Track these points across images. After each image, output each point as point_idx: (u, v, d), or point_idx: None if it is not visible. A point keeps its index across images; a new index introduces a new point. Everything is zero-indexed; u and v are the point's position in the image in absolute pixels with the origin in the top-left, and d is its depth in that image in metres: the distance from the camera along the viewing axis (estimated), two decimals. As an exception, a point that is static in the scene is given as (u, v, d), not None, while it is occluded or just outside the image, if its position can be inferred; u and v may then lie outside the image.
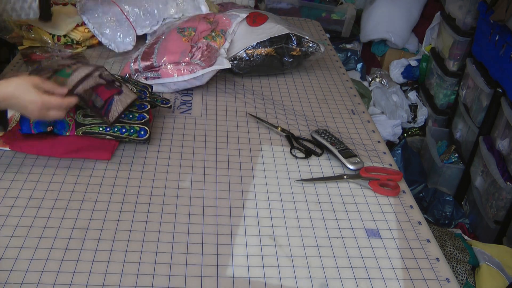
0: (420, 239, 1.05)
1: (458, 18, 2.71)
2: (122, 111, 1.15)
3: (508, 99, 2.12)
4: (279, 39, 1.59)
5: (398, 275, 0.95)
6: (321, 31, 2.15)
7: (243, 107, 1.45)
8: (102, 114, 1.11)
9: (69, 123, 1.13)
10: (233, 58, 1.56)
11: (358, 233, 1.04)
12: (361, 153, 1.31)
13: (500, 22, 2.13)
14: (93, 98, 1.11)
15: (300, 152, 1.28)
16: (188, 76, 1.43)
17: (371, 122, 1.46)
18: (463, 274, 1.56)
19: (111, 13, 1.67)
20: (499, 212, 2.10)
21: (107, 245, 0.94)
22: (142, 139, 1.18)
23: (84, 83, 1.10)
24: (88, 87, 1.11)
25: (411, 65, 3.28)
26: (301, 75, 1.69)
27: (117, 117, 1.13)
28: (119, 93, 1.16)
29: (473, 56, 2.55)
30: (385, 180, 1.18)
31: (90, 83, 1.12)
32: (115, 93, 1.16)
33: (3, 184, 1.05)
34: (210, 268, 0.91)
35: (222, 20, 1.59)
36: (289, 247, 0.98)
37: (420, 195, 2.52)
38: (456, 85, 2.82)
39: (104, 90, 1.14)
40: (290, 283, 0.91)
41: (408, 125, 3.07)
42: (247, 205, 1.08)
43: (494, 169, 2.09)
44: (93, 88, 1.12)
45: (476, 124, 2.42)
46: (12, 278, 0.85)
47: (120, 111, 1.14)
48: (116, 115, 1.12)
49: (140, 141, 1.18)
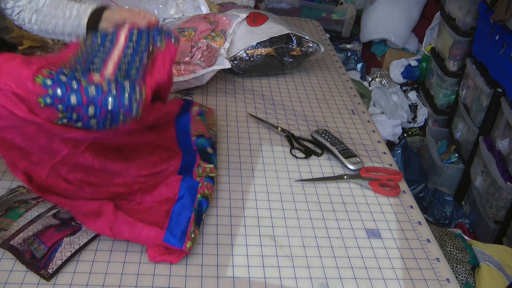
0: (420, 239, 1.05)
1: (458, 18, 2.71)
2: (71, 253, 0.93)
3: (508, 99, 2.12)
4: (279, 39, 1.59)
5: (398, 275, 0.95)
6: (321, 31, 2.15)
7: (243, 107, 1.45)
8: (40, 267, 0.89)
9: None
10: (233, 58, 1.56)
11: (358, 233, 1.04)
12: (361, 153, 1.31)
13: (500, 22, 2.13)
14: (34, 248, 0.93)
15: (300, 152, 1.28)
16: (188, 76, 1.43)
17: (371, 122, 1.46)
18: (463, 274, 1.56)
19: (111, 13, 1.66)
20: (499, 212, 2.10)
21: (107, 245, 0.94)
22: None
23: (29, 229, 0.95)
24: (32, 233, 0.95)
25: (411, 65, 3.28)
26: (301, 75, 1.69)
27: (59, 267, 0.90)
28: (73, 233, 0.97)
29: (473, 56, 2.55)
30: (385, 180, 1.18)
31: (37, 227, 0.96)
32: (67, 235, 0.96)
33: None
34: (210, 268, 0.91)
35: (222, 20, 1.59)
36: (289, 247, 0.98)
37: (420, 195, 2.52)
38: (456, 85, 2.82)
39: (52, 233, 0.96)
40: (290, 283, 0.91)
41: (408, 125, 3.07)
42: (247, 205, 1.08)
43: (494, 169, 2.09)
44: (38, 233, 0.95)
45: (476, 124, 2.42)
46: None
47: (66, 257, 0.93)
48: (58, 265, 0.90)
49: None
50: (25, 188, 1.04)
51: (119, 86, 0.88)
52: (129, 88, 0.89)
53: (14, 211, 0.97)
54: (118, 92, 0.87)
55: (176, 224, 0.93)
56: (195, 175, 1.04)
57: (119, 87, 0.88)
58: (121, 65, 0.95)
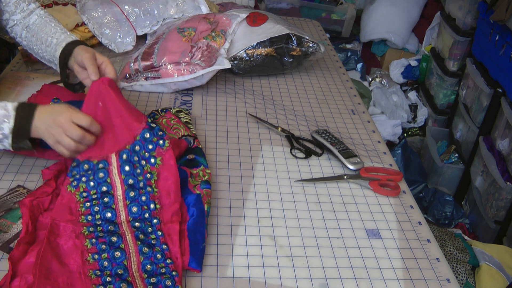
0: (420, 239, 1.05)
1: (458, 18, 2.71)
2: None
3: (508, 99, 2.12)
4: (279, 39, 1.59)
5: (398, 275, 0.95)
6: (321, 31, 2.15)
7: (243, 107, 1.45)
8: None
9: None
10: (233, 58, 1.56)
11: (359, 233, 1.04)
12: (361, 153, 1.31)
13: (500, 22, 2.13)
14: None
15: (300, 152, 1.28)
16: (188, 76, 1.43)
17: (371, 122, 1.46)
18: (463, 274, 1.56)
19: (111, 13, 1.67)
20: (499, 212, 2.10)
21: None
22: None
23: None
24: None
25: (411, 65, 3.28)
26: (301, 75, 1.69)
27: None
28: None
29: (473, 56, 2.55)
30: (385, 180, 1.18)
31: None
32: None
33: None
34: (210, 268, 0.91)
35: (222, 20, 1.59)
36: (289, 247, 0.98)
37: (420, 195, 2.52)
38: (456, 85, 2.82)
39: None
40: (291, 283, 0.91)
41: (408, 125, 3.07)
42: (247, 205, 1.08)
43: (494, 169, 2.09)
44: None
45: (476, 124, 2.42)
46: None
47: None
48: None
49: None
50: (25, 188, 1.04)
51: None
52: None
53: (13, 212, 0.97)
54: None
55: (195, 245, 0.93)
56: (191, 186, 1.04)
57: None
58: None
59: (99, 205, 0.97)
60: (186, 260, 0.90)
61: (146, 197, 0.98)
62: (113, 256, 0.88)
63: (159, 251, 0.90)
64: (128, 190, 0.98)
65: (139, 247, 0.90)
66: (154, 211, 0.97)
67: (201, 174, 1.07)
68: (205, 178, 1.06)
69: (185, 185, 1.03)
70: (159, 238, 0.93)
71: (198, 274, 0.90)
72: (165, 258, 0.89)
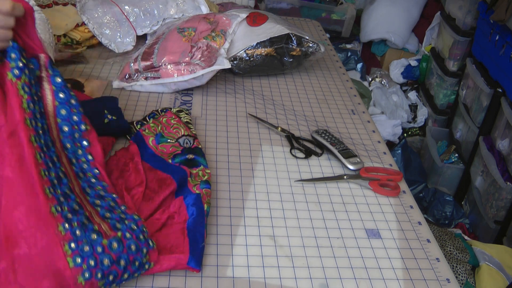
0: (420, 239, 1.05)
1: (458, 18, 2.71)
2: None
3: (508, 99, 2.12)
4: (279, 39, 1.59)
5: (398, 276, 0.95)
6: (321, 31, 2.15)
7: (243, 107, 1.45)
8: None
9: None
10: (233, 58, 1.56)
11: (358, 233, 1.04)
12: (361, 153, 1.31)
13: (500, 22, 2.13)
14: None
15: (300, 152, 1.28)
16: (188, 76, 1.43)
17: (371, 122, 1.46)
18: (463, 274, 1.56)
19: (111, 13, 1.67)
20: (499, 212, 2.10)
21: (107, 245, 0.94)
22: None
23: None
24: None
25: (411, 65, 3.28)
26: (301, 75, 1.69)
27: None
28: None
29: (473, 56, 2.55)
30: (385, 180, 1.18)
31: None
32: None
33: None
34: (210, 268, 0.91)
35: (222, 20, 1.59)
36: (289, 247, 0.98)
37: (420, 195, 2.52)
38: (456, 85, 2.82)
39: None
40: (290, 283, 0.91)
41: (408, 125, 3.08)
42: (247, 205, 1.08)
43: (494, 169, 2.09)
44: None
45: (476, 124, 2.43)
46: None
47: None
48: None
49: None
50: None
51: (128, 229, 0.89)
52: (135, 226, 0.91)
53: None
54: (134, 236, 0.88)
55: (195, 244, 0.92)
56: (190, 185, 1.04)
57: (130, 230, 0.89)
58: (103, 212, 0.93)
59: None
60: (185, 260, 0.90)
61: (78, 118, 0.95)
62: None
63: (92, 176, 0.92)
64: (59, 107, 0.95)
65: (75, 171, 0.91)
66: (84, 132, 0.95)
67: (200, 174, 1.07)
68: (205, 178, 1.06)
69: (184, 185, 1.03)
70: (89, 162, 0.93)
71: (197, 274, 0.90)
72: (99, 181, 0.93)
